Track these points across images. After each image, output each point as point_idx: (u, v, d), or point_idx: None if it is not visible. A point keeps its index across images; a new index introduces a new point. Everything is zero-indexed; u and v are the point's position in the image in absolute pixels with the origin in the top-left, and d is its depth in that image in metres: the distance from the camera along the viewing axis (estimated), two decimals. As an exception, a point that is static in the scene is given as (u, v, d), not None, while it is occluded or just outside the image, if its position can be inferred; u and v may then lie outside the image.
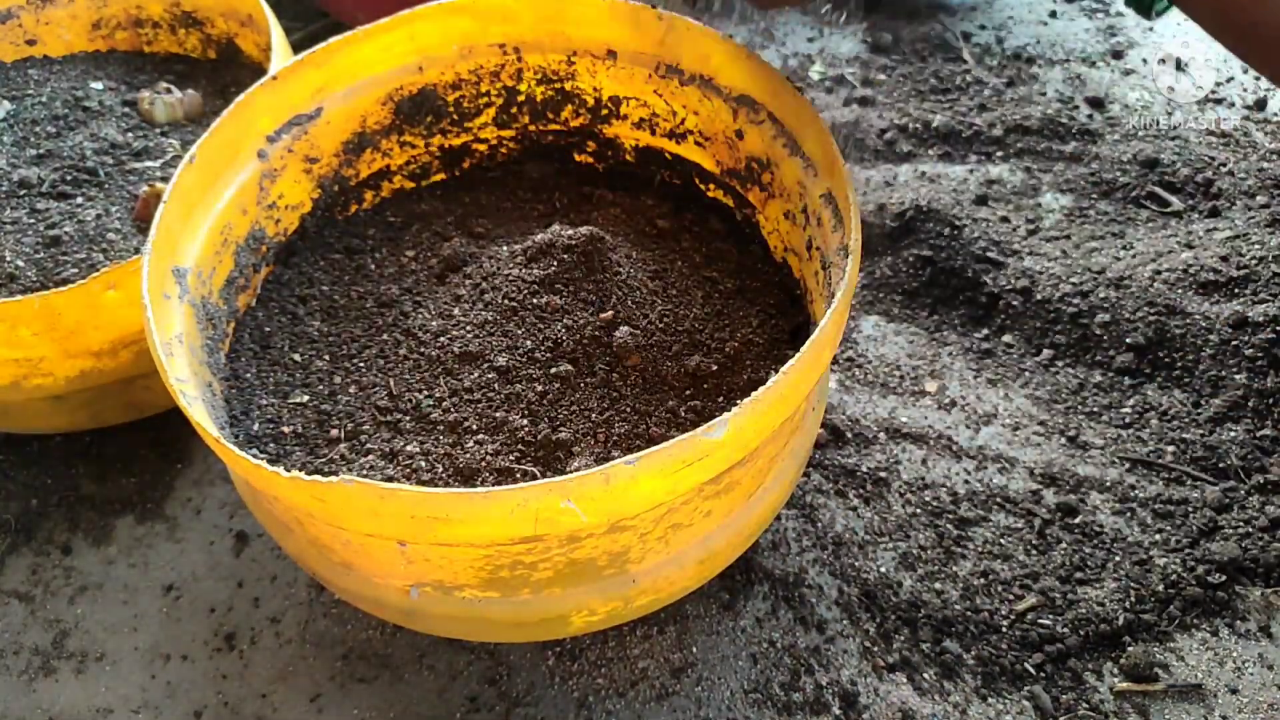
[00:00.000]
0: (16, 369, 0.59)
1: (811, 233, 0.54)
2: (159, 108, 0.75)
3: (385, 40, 0.60)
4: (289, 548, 0.50)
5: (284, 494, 0.40)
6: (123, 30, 0.83)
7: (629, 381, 0.51)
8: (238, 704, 0.58)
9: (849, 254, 0.46)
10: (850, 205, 0.47)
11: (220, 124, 0.54)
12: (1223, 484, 0.64)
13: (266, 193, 0.58)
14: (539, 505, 0.38)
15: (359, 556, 0.45)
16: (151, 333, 0.44)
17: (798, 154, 0.55)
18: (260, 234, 0.58)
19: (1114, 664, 0.57)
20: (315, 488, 0.38)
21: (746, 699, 0.56)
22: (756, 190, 0.61)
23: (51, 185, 0.69)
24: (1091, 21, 1.05)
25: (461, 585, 0.44)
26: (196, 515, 0.67)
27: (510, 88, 0.65)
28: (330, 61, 0.59)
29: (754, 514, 0.49)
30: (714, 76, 0.60)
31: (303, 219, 0.61)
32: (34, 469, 0.70)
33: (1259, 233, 0.77)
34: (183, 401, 0.42)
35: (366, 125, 0.62)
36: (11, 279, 0.62)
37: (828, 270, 0.51)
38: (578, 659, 0.58)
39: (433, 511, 0.38)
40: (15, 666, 0.61)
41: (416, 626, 0.50)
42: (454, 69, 0.63)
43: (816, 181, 0.54)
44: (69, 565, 0.65)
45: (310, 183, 0.61)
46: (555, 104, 0.66)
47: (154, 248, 0.48)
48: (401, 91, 0.63)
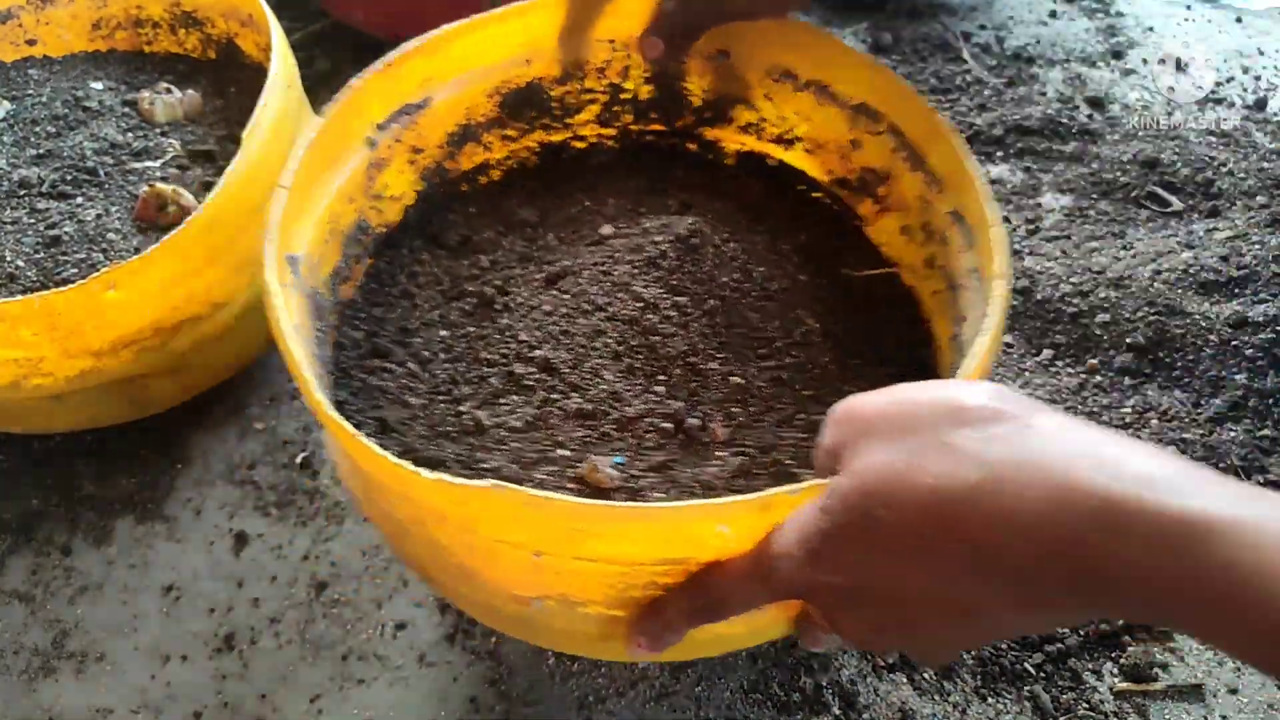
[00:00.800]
0: (16, 369, 0.59)
1: (934, 250, 0.53)
2: (159, 108, 0.75)
3: (496, 31, 0.59)
4: (403, 548, 0.49)
5: (422, 495, 0.39)
6: (123, 30, 0.83)
7: (746, 391, 0.50)
8: (237, 704, 0.58)
9: (995, 278, 0.44)
10: (990, 227, 0.46)
11: (334, 110, 0.52)
12: (1223, 484, 0.64)
13: (373, 182, 0.57)
14: (694, 527, 0.37)
15: (484, 563, 0.43)
16: (279, 321, 0.43)
17: (920, 168, 0.54)
18: (365, 224, 0.57)
19: (1114, 664, 0.57)
20: (461, 491, 0.37)
21: (746, 698, 0.56)
22: (869, 202, 0.59)
23: (51, 185, 0.69)
24: (1091, 21, 1.05)
25: (588, 601, 0.43)
26: (196, 515, 0.67)
27: (616, 85, 0.64)
28: (441, 51, 0.57)
29: None
30: (831, 83, 0.58)
31: (405, 210, 0.60)
32: (34, 469, 0.70)
33: (1259, 233, 0.77)
34: (318, 397, 0.41)
35: (471, 117, 0.61)
36: (11, 279, 0.62)
37: (955, 291, 0.49)
38: (578, 659, 0.58)
39: (584, 524, 0.37)
40: (15, 666, 0.61)
41: (531, 638, 0.48)
42: (562, 63, 0.62)
43: (942, 198, 0.52)
44: (69, 565, 0.65)
45: (414, 174, 0.60)
46: (660, 104, 0.65)
47: (276, 234, 0.46)
48: (508, 84, 0.61)
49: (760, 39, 0.60)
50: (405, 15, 0.91)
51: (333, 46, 1.03)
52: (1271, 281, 0.72)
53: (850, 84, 0.58)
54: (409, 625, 0.61)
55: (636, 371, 0.50)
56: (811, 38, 0.58)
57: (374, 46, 1.01)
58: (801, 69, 0.59)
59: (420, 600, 0.62)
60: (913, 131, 0.55)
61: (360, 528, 0.65)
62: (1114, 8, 1.06)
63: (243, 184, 0.61)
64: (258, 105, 0.62)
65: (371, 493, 0.48)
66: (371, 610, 0.62)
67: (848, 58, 0.57)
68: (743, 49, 0.61)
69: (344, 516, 0.66)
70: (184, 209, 0.65)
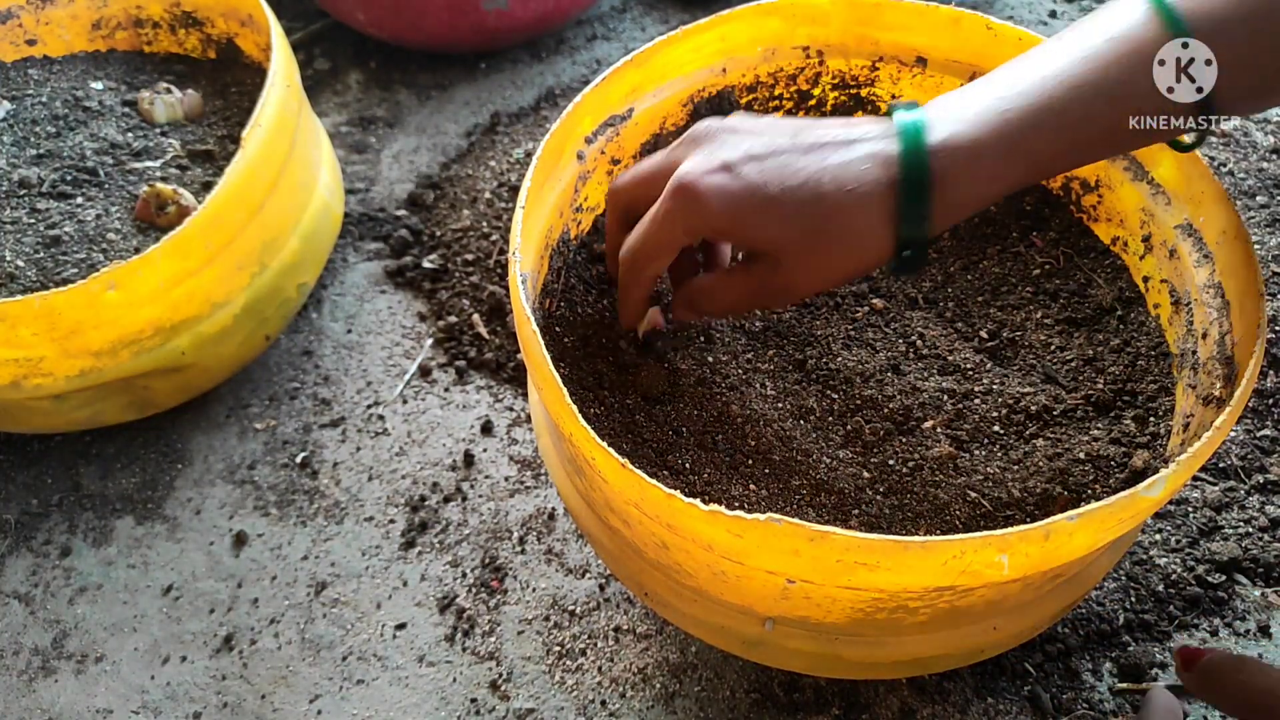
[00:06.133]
0: (16, 369, 0.59)
1: (1156, 265, 0.53)
2: (159, 108, 0.75)
3: (697, 41, 0.59)
4: (625, 567, 0.49)
5: (688, 524, 0.39)
6: (123, 30, 0.83)
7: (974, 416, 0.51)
8: (237, 704, 0.58)
9: (1256, 296, 0.44)
10: (1238, 241, 0.46)
11: (556, 126, 0.53)
12: (1222, 484, 0.64)
13: (579, 195, 0.57)
14: (973, 558, 0.37)
15: (724, 587, 0.43)
16: (539, 350, 0.42)
17: (1144, 179, 0.53)
18: (566, 236, 0.57)
19: (1113, 663, 0.57)
20: (736, 524, 0.37)
21: (748, 699, 0.56)
22: (1070, 210, 0.59)
23: (51, 185, 0.69)
24: (1091, 22, 1.05)
25: (828, 625, 0.43)
26: (196, 515, 0.67)
27: (804, 92, 0.64)
28: (650, 62, 0.58)
29: (1119, 549, 0.50)
30: None
31: (596, 220, 0.60)
32: (34, 469, 0.70)
33: (1259, 233, 0.77)
34: (582, 423, 0.40)
35: (664, 126, 0.62)
36: (11, 279, 0.62)
37: (1181, 307, 0.49)
38: (578, 659, 0.58)
39: (862, 558, 0.37)
40: (15, 666, 0.61)
41: (756, 657, 0.48)
42: (755, 71, 0.62)
43: (1170, 210, 0.52)
44: (69, 566, 0.65)
45: (608, 184, 0.60)
46: (846, 110, 0.65)
47: (519, 253, 0.46)
48: (703, 93, 0.62)
49: (962, 45, 0.60)
50: (405, 15, 0.92)
51: (333, 46, 1.03)
52: (1271, 281, 0.72)
53: None
54: (409, 625, 0.61)
55: (850, 399, 0.52)
56: (1025, 44, 0.57)
57: (374, 46, 1.02)
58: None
59: (420, 600, 0.62)
60: None
61: (360, 527, 0.65)
62: (1114, 8, 1.06)
63: (243, 184, 0.61)
64: (258, 105, 0.62)
65: (603, 512, 0.47)
66: (371, 610, 0.62)
67: None
68: (938, 56, 0.61)
69: (344, 516, 0.66)
70: (184, 209, 0.65)
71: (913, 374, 0.53)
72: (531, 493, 0.66)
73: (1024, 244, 0.60)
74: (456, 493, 0.67)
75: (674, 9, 1.06)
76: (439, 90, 0.98)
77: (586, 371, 0.52)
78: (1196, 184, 0.50)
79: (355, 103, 0.97)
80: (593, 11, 1.06)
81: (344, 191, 0.81)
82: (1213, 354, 0.47)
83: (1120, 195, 0.56)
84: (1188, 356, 0.49)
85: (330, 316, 0.78)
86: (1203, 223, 0.50)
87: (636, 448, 0.49)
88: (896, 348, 0.55)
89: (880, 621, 0.42)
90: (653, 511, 0.40)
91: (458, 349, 0.75)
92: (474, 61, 1.00)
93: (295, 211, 0.69)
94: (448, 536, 0.65)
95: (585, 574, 0.62)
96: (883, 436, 0.50)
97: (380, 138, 0.94)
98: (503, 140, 0.90)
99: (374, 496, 0.67)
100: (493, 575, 0.63)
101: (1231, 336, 0.46)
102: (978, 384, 0.52)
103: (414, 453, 0.69)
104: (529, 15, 0.92)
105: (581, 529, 0.51)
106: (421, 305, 0.79)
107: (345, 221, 0.83)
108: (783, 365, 0.54)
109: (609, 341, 0.54)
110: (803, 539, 0.36)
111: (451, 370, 0.74)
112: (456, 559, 0.64)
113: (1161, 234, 0.53)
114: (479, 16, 0.90)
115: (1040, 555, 0.37)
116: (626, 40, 1.03)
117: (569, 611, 0.61)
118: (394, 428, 0.71)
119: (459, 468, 0.68)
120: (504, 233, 0.80)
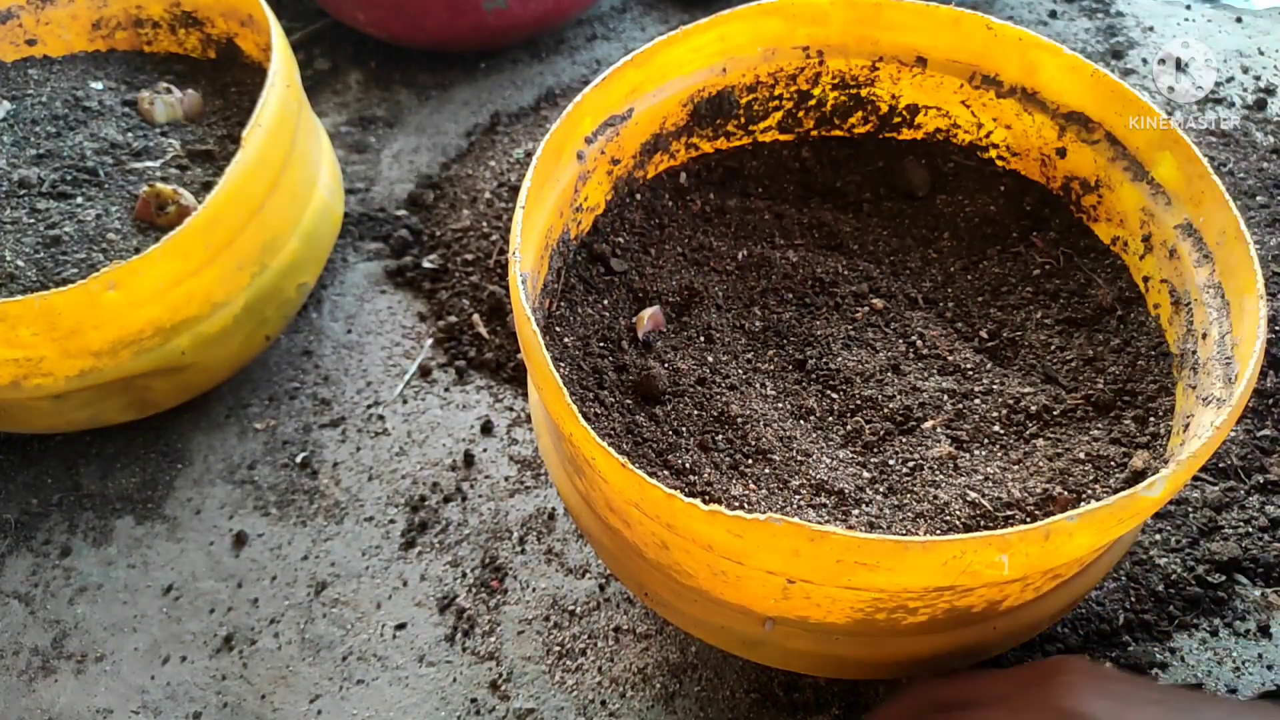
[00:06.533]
0: (16, 369, 0.59)
1: (1156, 265, 0.53)
2: (159, 108, 0.75)
3: (697, 41, 0.59)
4: (625, 567, 0.49)
5: (689, 524, 0.39)
6: (123, 30, 0.83)
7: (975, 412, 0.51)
8: (237, 704, 0.58)
9: (1255, 296, 0.44)
10: (1237, 241, 0.46)
11: (556, 127, 0.53)
12: (1222, 484, 0.64)
13: (578, 194, 0.57)
14: (973, 558, 0.37)
15: (724, 587, 0.43)
16: (539, 350, 0.42)
17: (1144, 179, 0.53)
18: (566, 236, 0.57)
19: (1113, 663, 0.57)
20: (736, 524, 0.37)
21: (747, 699, 0.56)
22: (1070, 210, 0.59)
23: (51, 185, 0.69)
24: (1091, 21, 1.05)
25: (828, 625, 0.43)
26: (196, 515, 0.67)
27: (804, 91, 0.64)
28: (650, 62, 0.58)
29: (1119, 549, 0.50)
30: (1040, 90, 0.58)
31: (596, 220, 0.60)
32: (34, 469, 0.70)
33: (1259, 233, 0.77)
34: (582, 423, 0.41)
35: (664, 126, 0.62)
36: (11, 279, 0.62)
37: (1181, 307, 0.49)
38: (578, 659, 0.58)
39: (862, 557, 0.37)
40: (15, 666, 0.61)
41: (756, 657, 0.48)
42: (754, 71, 0.62)
43: (1170, 210, 0.52)
44: (69, 566, 0.65)
45: (608, 184, 0.60)
46: (845, 110, 0.65)
47: (519, 253, 0.46)
48: (702, 93, 0.62)
49: (962, 45, 0.60)
50: (406, 15, 0.92)
51: (333, 46, 1.03)
52: (1271, 281, 0.72)
53: (1061, 90, 0.57)
54: (409, 625, 0.61)
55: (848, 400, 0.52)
56: (1025, 43, 0.57)
57: (374, 46, 1.02)
58: (1006, 75, 0.59)
59: (420, 600, 0.62)
60: (1136, 140, 0.54)
61: (360, 527, 0.65)
62: (1114, 8, 1.06)
63: (243, 184, 0.61)
64: (258, 105, 0.62)
65: (603, 512, 0.47)
66: (371, 610, 0.62)
67: (1063, 62, 0.56)
68: (938, 56, 0.61)
69: (344, 516, 0.66)
70: (184, 209, 0.65)
71: (913, 374, 0.53)
72: (531, 493, 0.66)
73: (1024, 244, 0.60)
74: (456, 493, 0.67)
75: (674, 9, 1.06)
76: (439, 90, 0.98)
77: (586, 371, 0.52)
78: (1196, 184, 0.50)
79: (355, 103, 0.97)
80: (593, 11, 1.06)
81: (344, 191, 0.81)
82: (1213, 354, 0.47)
83: (1120, 195, 0.56)
84: (1188, 356, 0.49)
85: (330, 316, 0.78)
86: (1203, 223, 0.50)
87: (636, 448, 0.49)
88: (896, 348, 0.55)
89: (880, 621, 0.42)
90: (653, 511, 0.40)
91: (458, 349, 0.75)
92: (474, 61, 1.00)
93: (295, 211, 0.69)
94: (448, 536, 0.65)
95: (585, 574, 0.62)
96: (883, 436, 0.50)
97: (380, 138, 0.94)
98: (503, 140, 0.90)
99: (374, 496, 0.67)
100: (493, 575, 0.63)
101: (1231, 336, 0.46)
102: (978, 384, 0.52)
103: (414, 453, 0.69)
104: (529, 15, 0.92)
105: (581, 529, 0.51)
106: (421, 305, 0.79)
107: (345, 221, 0.83)
108: (783, 365, 0.54)
109: (609, 341, 0.54)
110: (803, 539, 0.37)
111: (451, 370, 0.74)
112: (456, 559, 0.64)
113: (1161, 234, 0.53)
114: (479, 16, 0.90)
115: (1040, 555, 0.37)
116: (626, 40, 1.03)
117: (569, 611, 0.61)
118: (394, 428, 0.71)
119: (459, 468, 0.68)
120: (504, 233, 0.80)
